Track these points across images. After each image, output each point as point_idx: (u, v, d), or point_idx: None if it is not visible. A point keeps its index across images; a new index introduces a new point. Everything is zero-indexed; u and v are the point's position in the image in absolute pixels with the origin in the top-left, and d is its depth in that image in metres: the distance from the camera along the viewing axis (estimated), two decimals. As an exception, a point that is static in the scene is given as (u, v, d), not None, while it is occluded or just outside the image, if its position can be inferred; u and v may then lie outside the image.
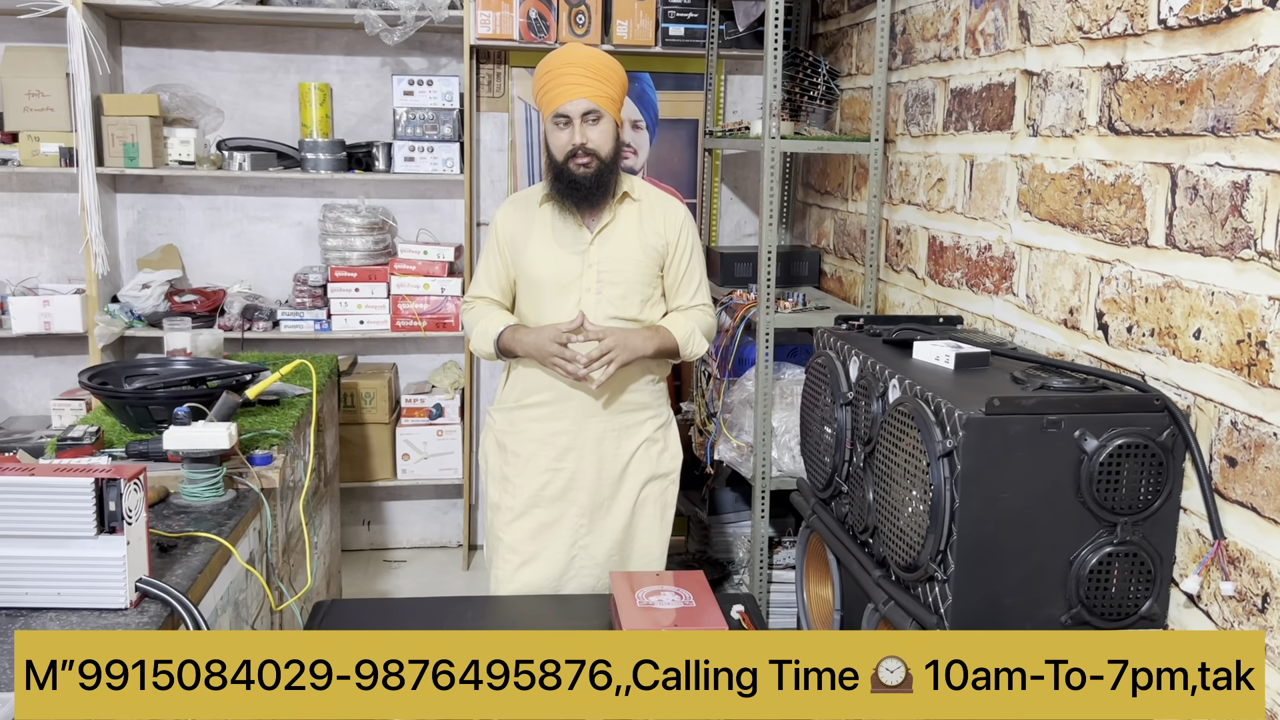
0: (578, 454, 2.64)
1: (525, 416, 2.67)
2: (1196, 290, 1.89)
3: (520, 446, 2.67)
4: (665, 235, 2.65)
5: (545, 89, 2.53)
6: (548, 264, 2.59)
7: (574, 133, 2.49)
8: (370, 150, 4.10)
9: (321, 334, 4.06)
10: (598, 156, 2.52)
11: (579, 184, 2.53)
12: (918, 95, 3.10)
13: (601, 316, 2.57)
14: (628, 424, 2.67)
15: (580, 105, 2.48)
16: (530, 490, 2.65)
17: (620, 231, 2.61)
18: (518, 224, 2.64)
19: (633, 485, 2.68)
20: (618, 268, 2.59)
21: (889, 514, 2.10)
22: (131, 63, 4.08)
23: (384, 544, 4.51)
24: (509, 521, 2.67)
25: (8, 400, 4.18)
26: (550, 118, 2.52)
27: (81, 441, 2.29)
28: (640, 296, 2.62)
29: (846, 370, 2.39)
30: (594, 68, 2.50)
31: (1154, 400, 1.88)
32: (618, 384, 2.62)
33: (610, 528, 2.68)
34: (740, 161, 4.43)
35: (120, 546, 1.68)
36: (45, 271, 4.10)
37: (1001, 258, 2.59)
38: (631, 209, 2.64)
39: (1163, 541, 1.90)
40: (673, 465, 2.75)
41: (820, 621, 2.63)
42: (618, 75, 2.56)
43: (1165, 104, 1.98)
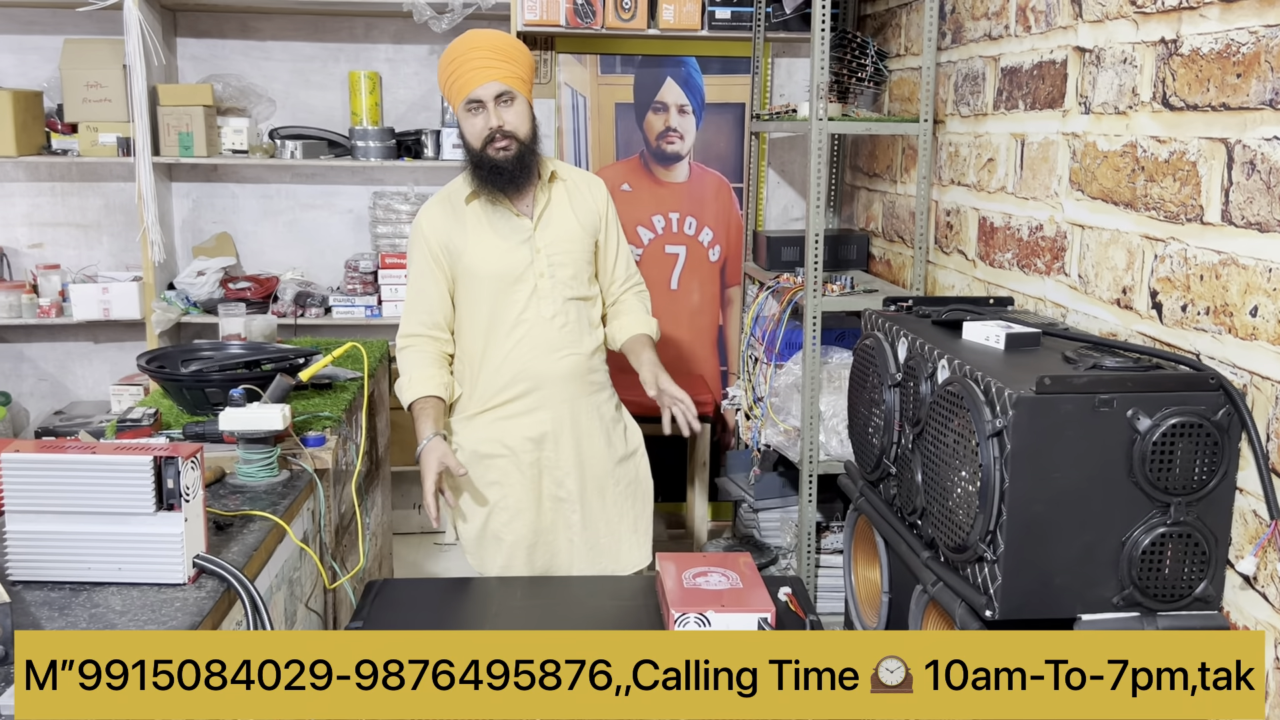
0: (555, 442, 2.59)
1: (496, 415, 2.60)
2: (1253, 267, 1.86)
3: (495, 450, 2.61)
4: (596, 210, 2.64)
5: (453, 77, 2.46)
6: (493, 260, 2.52)
7: (489, 116, 2.45)
8: (419, 138, 4.14)
9: (373, 320, 4.11)
10: (516, 138, 2.46)
11: (501, 168, 2.47)
12: (967, 75, 3.07)
13: (557, 299, 2.54)
14: (594, 404, 2.64)
15: (492, 88, 2.43)
16: (519, 491, 2.61)
17: (558, 213, 2.58)
18: (450, 227, 2.57)
19: (608, 466, 2.65)
20: (564, 248, 2.56)
21: (938, 495, 2.08)
22: (186, 54, 4.15)
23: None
24: (507, 522, 2.63)
25: (69, 386, 4.28)
26: (462, 105, 2.46)
27: (140, 423, 2.34)
28: (586, 274, 2.62)
29: (895, 351, 2.38)
30: (500, 49, 2.45)
31: (1209, 379, 1.85)
32: (579, 363, 2.59)
33: (597, 513, 2.65)
34: (787, 145, 4.41)
35: (178, 523, 1.72)
36: (104, 259, 4.20)
37: (1053, 237, 2.56)
38: (560, 189, 2.61)
39: (1218, 522, 1.87)
40: (636, 441, 2.74)
41: (868, 604, 2.62)
42: (525, 56, 2.50)
43: (1221, 78, 1.95)
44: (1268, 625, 1.82)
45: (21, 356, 4.23)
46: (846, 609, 2.71)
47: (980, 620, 1.90)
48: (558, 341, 2.56)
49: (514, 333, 2.55)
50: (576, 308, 2.59)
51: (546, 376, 2.57)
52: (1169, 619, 1.87)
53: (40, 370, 4.25)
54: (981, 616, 1.90)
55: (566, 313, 2.57)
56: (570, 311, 2.57)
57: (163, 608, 1.66)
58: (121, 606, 1.66)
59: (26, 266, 4.13)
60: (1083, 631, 1.60)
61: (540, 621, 2.26)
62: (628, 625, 2.18)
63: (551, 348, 2.56)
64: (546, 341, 2.55)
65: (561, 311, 2.56)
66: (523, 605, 2.29)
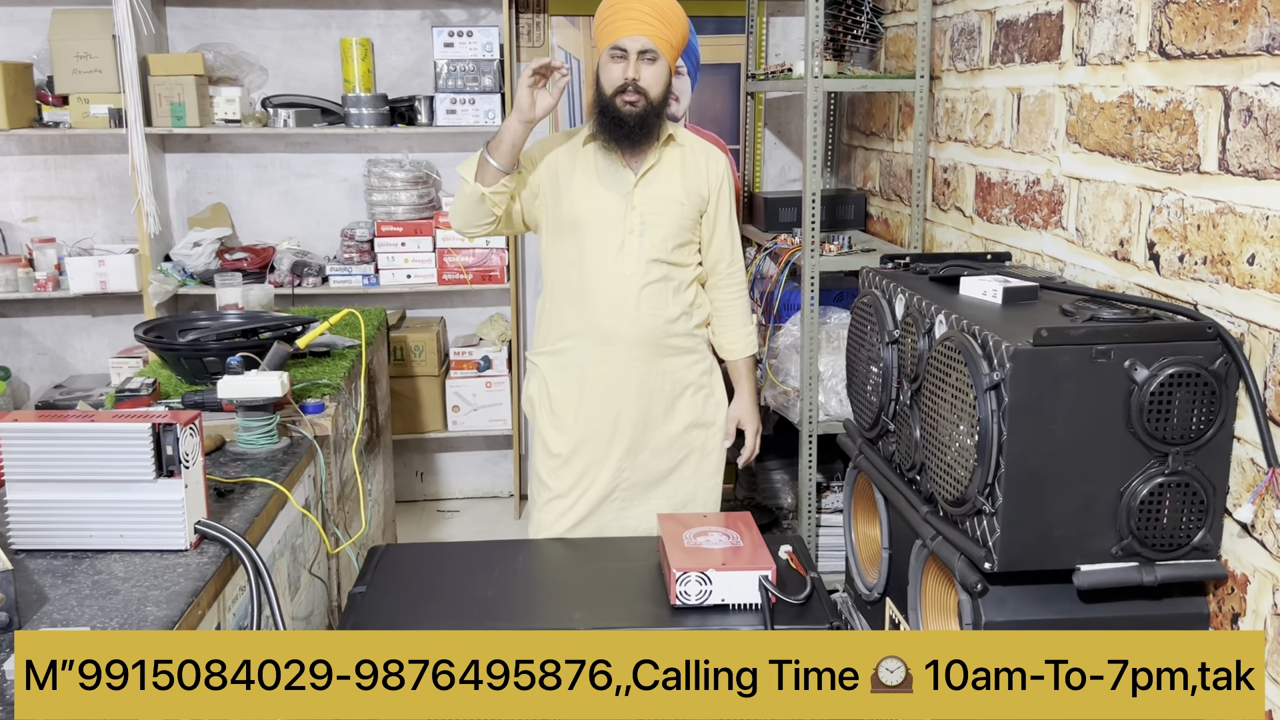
0: (620, 395, 2.62)
1: (566, 361, 2.66)
2: (1250, 215, 1.85)
3: (564, 390, 2.67)
4: (709, 182, 2.64)
5: (607, 21, 2.51)
6: (591, 204, 2.58)
7: (628, 67, 2.49)
8: (412, 104, 4.11)
9: (370, 288, 4.11)
10: (646, 96, 2.50)
11: (623, 121, 2.51)
12: (963, 29, 3.04)
13: (643, 258, 2.56)
14: (671, 368, 2.65)
15: (639, 42, 2.47)
16: (575, 433, 2.66)
17: (664, 175, 2.60)
18: (564, 160, 2.63)
19: (675, 431, 2.68)
20: (661, 209, 2.58)
21: (936, 450, 2.09)
22: (176, 23, 4.11)
23: (437, 495, 4.58)
24: (556, 469, 2.69)
25: (68, 359, 4.28)
26: (607, 50, 2.51)
27: (139, 393, 2.35)
28: (679, 240, 2.61)
29: (892, 308, 2.37)
30: (660, 9, 2.49)
31: (1206, 328, 1.84)
32: (655, 326, 2.61)
33: (653, 473, 2.69)
34: (783, 105, 4.38)
35: (178, 489, 1.72)
36: (99, 232, 4.18)
37: (1050, 191, 2.55)
38: (675, 153, 2.62)
39: (1216, 471, 1.87)
40: (717, 414, 2.75)
41: (868, 561, 2.63)
42: (681, 23, 2.54)
43: (1218, 24, 1.93)
44: (1265, 572, 1.83)
45: (20, 331, 4.23)
46: (847, 566, 2.72)
47: (979, 573, 1.91)
48: (635, 301, 2.57)
49: (593, 283, 2.58)
50: (662, 270, 2.59)
51: (616, 334, 2.60)
52: (1167, 568, 1.88)
53: (39, 344, 4.25)
54: (980, 569, 1.91)
55: (649, 273, 2.58)
56: (653, 273, 2.58)
57: (165, 573, 1.67)
58: (124, 573, 1.67)
59: (22, 241, 4.12)
60: (1083, 631, 1.60)
61: (542, 583, 2.28)
62: (629, 585, 2.19)
63: (627, 306, 2.57)
64: (622, 298, 2.57)
65: (644, 271, 2.57)
66: (524, 568, 2.30)
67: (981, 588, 1.91)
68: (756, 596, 2.05)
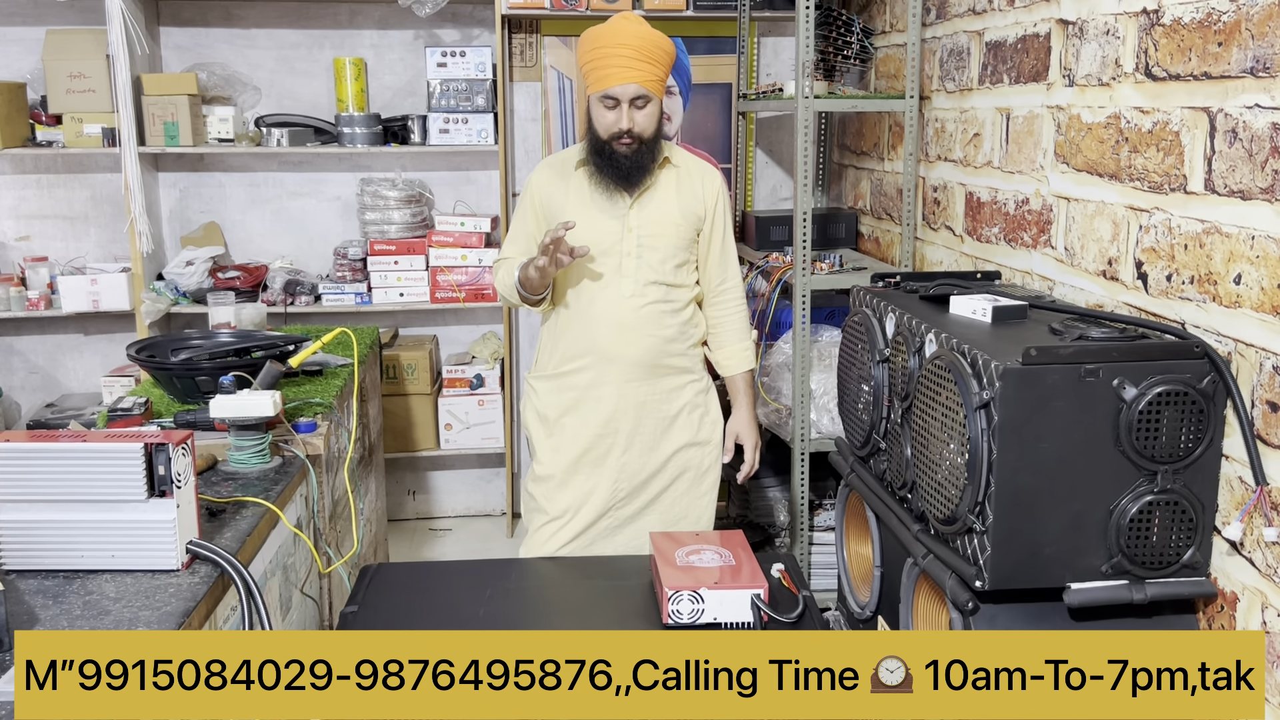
0: (619, 419, 2.63)
1: (566, 384, 2.67)
2: (1236, 235, 1.87)
3: (562, 413, 2.68)
4: (704, 202, 2.65)
5: (595, 66, 2.49)
6: (587, 229, 2.57)
7: (621, 116, 2.48)
8: (405, 123, 4.13)
9: (363, 307, 4.11)
10: (641, 140, 2.52)
11: (619, 163, 2.53)
12: (952, 50, 3.07)
13: (640, 280, 2.57)
14: (669, 388, 2.66)
15: (631, 89, 2.47)
16: (572, 456, 2.66)
17: (660, 196, 2.61)
18: (554, 187, 2.64)
19: (670, 450, 2.69)
20: (657, 232, 2.59)
21: (927, 468, 2.10)
22: (169, 43, 4.13)
23: (429, 513, 4.57)
24: (551, 491, 2.69)
25: (60, 378, 4.28)
26: (598, 96, 2.51)
27: (131, 412, 2.35)
28: (677, 261, 2.62)
29: (883, 327, 2.38)
30: (646, 50, 2.47)
31: (1194, 347, 1.86)
32: (654, 346, 2.62)
33: (648, 492, 2.69)
34: (775, 124, 4.40)
35: (170, 509, 1.72)
36: (92, 251, 4.18)
37: (1039, 211, 2.57)
38: (670, 174, 2.63)
39: (1204, 489, 1.88)
40: (713, 432, 2.75)
41: (860, 579, 2.64)
42: (668, 56, 2.54)
43: (1203, 47, 1.95)
44: (1254, 589, 1.84)
45: (11, 350, 4.23)
46: (839, 584, 2.72)
47: (970, 591, 1.92)
48: (633, 323, 2.58)
49: (592, 306, 2.59)
50: (661, 292, 2.60)
51: (616, 356, 2.60)
52: (1157, 586, 1.89)
53: (31, 363, 4.25)
54: (971, 587, 1.91)
55: (646, 295, 2.58)
56: (651, 294, 2.59)
57: (156, 594, 1.67)
58: (115, 593, 1.67)
59: (14, 259, 4.12)
60: (1083, 631, 1.60)
61: (534, 601, 2.28)
62: (621, 604, 2.19)
63: (626, 328, 2.58)
64: (621, 321, 2.57)
65: (641, 293, 2.58)
66: (516, 586, 2.30)
67: (973, 606, 1.92)
68: (749, 615, 2.05)
